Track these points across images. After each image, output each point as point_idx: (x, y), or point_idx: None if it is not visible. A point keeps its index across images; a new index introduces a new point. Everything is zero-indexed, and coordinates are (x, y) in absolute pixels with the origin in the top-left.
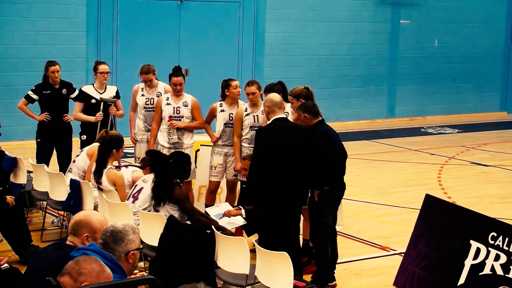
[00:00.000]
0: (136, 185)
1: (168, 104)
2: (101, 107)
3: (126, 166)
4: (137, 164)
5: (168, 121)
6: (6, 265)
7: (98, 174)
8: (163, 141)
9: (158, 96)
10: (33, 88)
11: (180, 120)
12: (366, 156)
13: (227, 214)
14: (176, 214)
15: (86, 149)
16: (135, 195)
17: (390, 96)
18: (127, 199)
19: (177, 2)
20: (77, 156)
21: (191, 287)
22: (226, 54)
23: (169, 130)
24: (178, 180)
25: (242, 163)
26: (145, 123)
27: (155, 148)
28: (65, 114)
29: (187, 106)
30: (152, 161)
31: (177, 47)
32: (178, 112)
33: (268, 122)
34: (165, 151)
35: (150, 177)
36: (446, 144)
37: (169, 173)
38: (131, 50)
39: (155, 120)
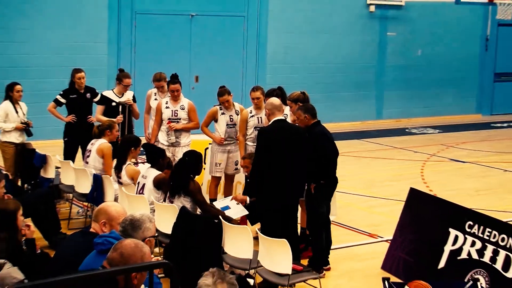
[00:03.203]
0: (139, 182)
1: (167, 107)
2: (120, 110)
3: (143, 162)
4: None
5: (167, 123)
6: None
7: (118, 170)
8: (163, 140)
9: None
10: (61, 92)
11: (178, 121)
12: (357, 153)
13: (234, 198)
14: (188, 205)
15: (94, 147)
16: (140, 192)
17: (378, 100)
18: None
19: (188, 16)
20: (88, 155)
21: (221, 274)
22: (232, 62)
23: (167, 131)
24: (192, 176)
25: (242, 161)
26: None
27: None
28: (89, 116)
29: (184, 109)
30: (147, 153)
31: (188, 56)
32: (176, 114)
33: (269, 123)
34: (165, 148)
35: (149, 172)
36: (428, 143)
37: (185, 169)
38: (147, 59)
39: (156, 121)
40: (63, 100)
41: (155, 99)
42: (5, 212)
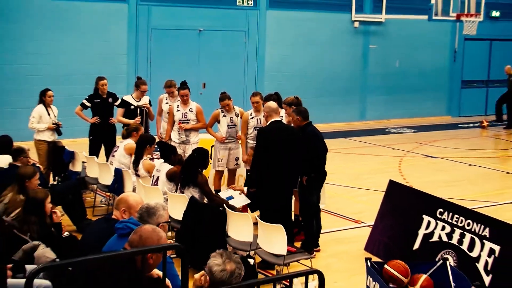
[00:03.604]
0: (153, 175)
1: (178, 110)
2: (138, 112)
3: (157, 158)
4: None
5: (178, 124)
6: (67, 233)
7: (135, 164)
8: (175, 138)
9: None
10: (87, 97)
11: (187, 122)
12: (344, 150)
13: (233, 188)
14: (196, 195)
15: (122, 145)
16: (155, 183)
17: (362, 104)
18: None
19: (197, 31)
20: (115, 151)
21: (227, 254)
22: (234, 71)
23: (179, 131)
24: (200, 169)
25: (250, 152)
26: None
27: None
28: (111, 118)
29: (193, 111)
30: (161, 150)
31: (196, 66)
32: (185, 116)
33: (267, 124)
34: (177, 146)
35: (162, 166)
36: (405, 141)
37: (194, 164)
38: (161, 68)
39: (168, 122)
40: (88, 104)
41: (166, 103)
42: (36, 199)
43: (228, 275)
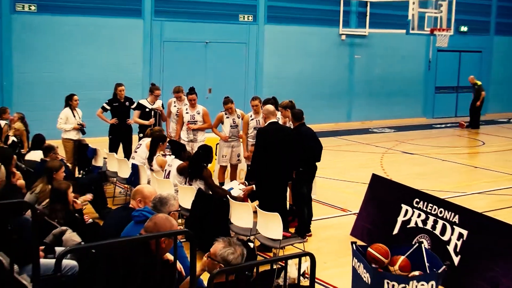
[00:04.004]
0: (165, 169)
1: (187, 112)
2: (152, 114)
3: (169, 154)
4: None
5: (187, 125)
6: (90, 220)
7: (150, 160)
8: (184, 137)
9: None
10: (107, 101)
11: (195, 123)
12: (332, 148)
13: (244, 191)
14: (203, 187)
15: (144, 143)
16: (167, 177)
17: (348, 107)
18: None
19: (204, 43)
20: (138, 148)
21: (227, 240)
22: (237, 78)
23: (187, 130)
24: (205, 164)
25: (248, 151)
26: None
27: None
28: (128, 119)
29: (200, 113)
30: (172, 148)
31: (203, 73)
32: (193, 118)
33: (265, 124)
34: (186, 144)
35: (173, 162)
36: (386, 140)
37: (199, 159)
38: (172, 75)
39: (179, 123)
40: (108, 107)
41: (174, 106)
42: (59, 190)
43: (241, 257)
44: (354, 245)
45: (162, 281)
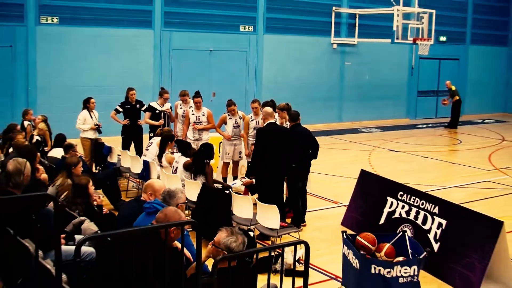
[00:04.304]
0: (173, 166)
1: (193, 114)
2: (162, 116)
3: (177, 152)
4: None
5: (192, 125)
6: (107, 211)
7: (159, 157)
8: (190, 136)
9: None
10: (119, 104)
11: (200, 124)
12: (325, 146)
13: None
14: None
15: (155, 142)
16: (174, 172)
17: (339, 109)
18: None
19: (208, 51)
20: (149, 146)
21: (230, 229)
22: (238, 83)
23: (193, 130)
24: (207, 160)
25: (249, 149)
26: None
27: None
28: (138, 120)
29: (204, 115)
30: (178, 146)
31: (208, 78)
32: (198, 119)
33: (264, 125)
34: (192, 142)
35: (180, 159)
36: (373, 138)
37: (202, 156)
38: (180, 80)
39: (185, 124)
40: (120, 109)
41: (181, 108)
42: (80, 185)
43: (242, 245)
44: (344, 234)
45: (171, 266)
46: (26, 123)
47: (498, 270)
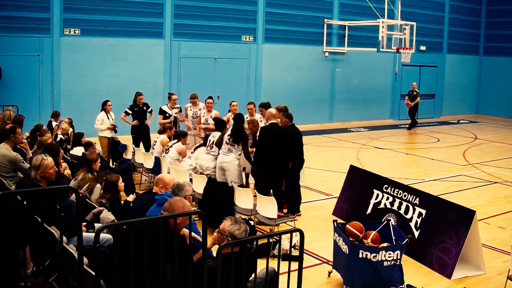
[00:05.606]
0: (166, 148)
1: (203, 116)
2: (172, 118)
3: (175, 143)
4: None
5: (198, 124)
6: (123, 202)
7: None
8: (201, 132)
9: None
10: (128, 107)
11: (207, 125)
12: (317, 144)
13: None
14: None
15: (159, 140)
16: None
17: (330, 110)
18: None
19: (213, 59)
20: (154, 144)
21: (234, 219)
22: (240, 87)
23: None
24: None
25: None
26: (193, 124)
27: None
28: (146, 121)
29: (212, 117)
30: (216, 124)
31: (213, 83)
32: (206, 121)
33: (267, 124)
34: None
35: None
36: (361, 137)
37: (240, 124)
38: (188, 86)
39: (198, 123)
40: (129, 112)
41: (191, 110)
42: (110, 181)
43: (244, 233)
44: (335, 222)
45: (179, 251)
46: (54, 123)
47: (471, 253)
